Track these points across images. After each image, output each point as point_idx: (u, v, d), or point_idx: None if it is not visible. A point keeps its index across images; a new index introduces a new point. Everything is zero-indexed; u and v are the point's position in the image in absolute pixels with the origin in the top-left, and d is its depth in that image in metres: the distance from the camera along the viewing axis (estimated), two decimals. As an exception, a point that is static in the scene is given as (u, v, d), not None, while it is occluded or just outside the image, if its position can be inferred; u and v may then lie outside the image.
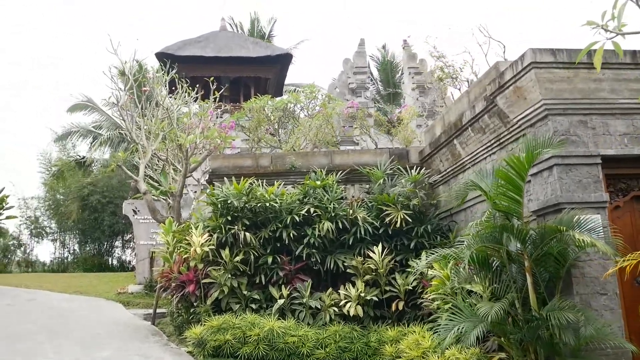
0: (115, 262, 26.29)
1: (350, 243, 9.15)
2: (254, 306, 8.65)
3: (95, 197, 23.86)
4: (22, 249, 26.96)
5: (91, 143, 26.54)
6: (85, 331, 9.76)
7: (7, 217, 25.57)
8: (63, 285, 15.73)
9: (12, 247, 26.51)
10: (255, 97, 15.09)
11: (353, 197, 10.14)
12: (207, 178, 10.68)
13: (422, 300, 8.20)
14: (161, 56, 18.72)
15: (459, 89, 14.78)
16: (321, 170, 9.93)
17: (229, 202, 9.05)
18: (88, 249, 26.18)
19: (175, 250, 9.41)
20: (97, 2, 57.73)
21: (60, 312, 11.42)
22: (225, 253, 8.75)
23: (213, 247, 8.74)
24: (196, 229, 8.89)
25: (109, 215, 24.30)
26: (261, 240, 9.02)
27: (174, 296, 8.99)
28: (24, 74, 55.25)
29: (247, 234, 8.81)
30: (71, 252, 26.96)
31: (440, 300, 7.40)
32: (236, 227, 8.85)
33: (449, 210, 9.75)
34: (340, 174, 10.08)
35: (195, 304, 8.80)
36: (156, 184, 18.51)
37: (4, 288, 14.58)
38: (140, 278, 14.39)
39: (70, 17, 58.84)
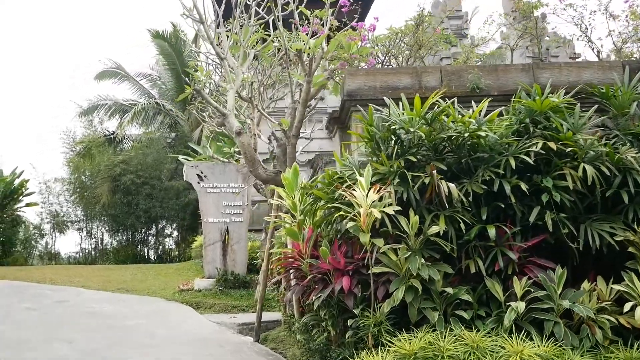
0: (152, 252, 22.57)
1: (618, 204, 5.23)
2: (464, 314, 4.79)
3: (128, 177, 20.13)
4: (45, 240, 23.28)
5: (121, 117, 22.94)
6: (156, 356, 6.00)
7: (27, 205, 22.14)
8: (100, 280, 11.98)
9: (33, 238, 22.80)
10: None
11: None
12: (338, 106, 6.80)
13: None
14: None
15: None
16: (539, 89, 6.00)
17: (406, 132, 5.18)
18: (120, 237, 22.48)
19: (307, 219, 5.57)
20: (97, 2, 55.43)
21: (105, 321, 7.66)
22: (413, 220, 4.85)
23: (394, 205, 4.83)
24: (361, 176, 4.97)
25: (144, 198, 20.58)
26: (469, 198, 5.13)
27: (313, 296, 5.16)
28: (24, 73, 54.34)
29: (452, 185, 4.92)
30: (99, 242, 23.27)
31: None
32: (433, 173, 4.94)
33: None
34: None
35: (353, 310, 4.97)
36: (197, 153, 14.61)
37: (23, 284, 10.86)
38: (211, 269, 10.42)
39: (70, 17, 57.83)
